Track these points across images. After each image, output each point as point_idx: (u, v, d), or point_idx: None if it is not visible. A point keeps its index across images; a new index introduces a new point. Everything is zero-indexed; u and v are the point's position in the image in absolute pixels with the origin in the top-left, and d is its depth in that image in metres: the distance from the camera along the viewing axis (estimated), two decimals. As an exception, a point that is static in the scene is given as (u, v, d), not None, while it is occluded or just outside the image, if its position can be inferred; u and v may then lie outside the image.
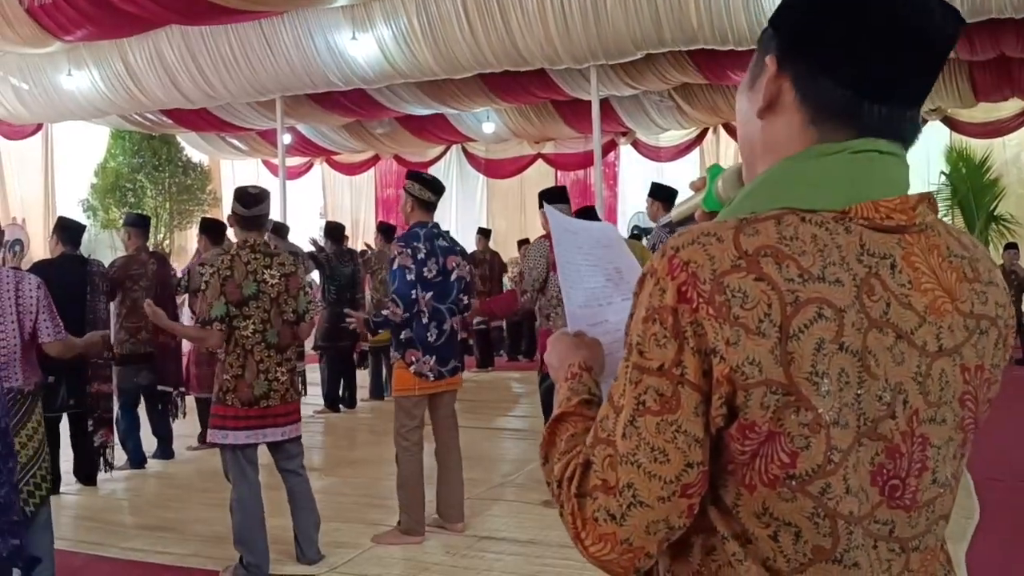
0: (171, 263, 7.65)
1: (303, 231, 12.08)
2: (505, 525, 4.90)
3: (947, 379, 0.97)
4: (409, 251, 4.53)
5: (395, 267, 4.52)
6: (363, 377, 9.40)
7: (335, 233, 9.06)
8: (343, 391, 8.82)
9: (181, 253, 14.58)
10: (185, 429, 7.14)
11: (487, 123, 14.64)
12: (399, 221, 14.41)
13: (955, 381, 0.98)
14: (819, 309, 0.91)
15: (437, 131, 15.18)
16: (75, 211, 13.30)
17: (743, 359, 0.90)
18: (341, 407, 8.72)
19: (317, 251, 8.70)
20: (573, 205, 5.55)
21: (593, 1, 9.04)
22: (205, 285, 4.11)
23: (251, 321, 4.10)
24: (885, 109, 0.99)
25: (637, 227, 14.29)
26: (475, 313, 5.28)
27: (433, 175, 5.11)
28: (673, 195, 5.73)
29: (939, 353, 0.97)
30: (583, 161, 15.96)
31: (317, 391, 8.86)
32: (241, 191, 4.31)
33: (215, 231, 7.26)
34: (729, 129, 14.82)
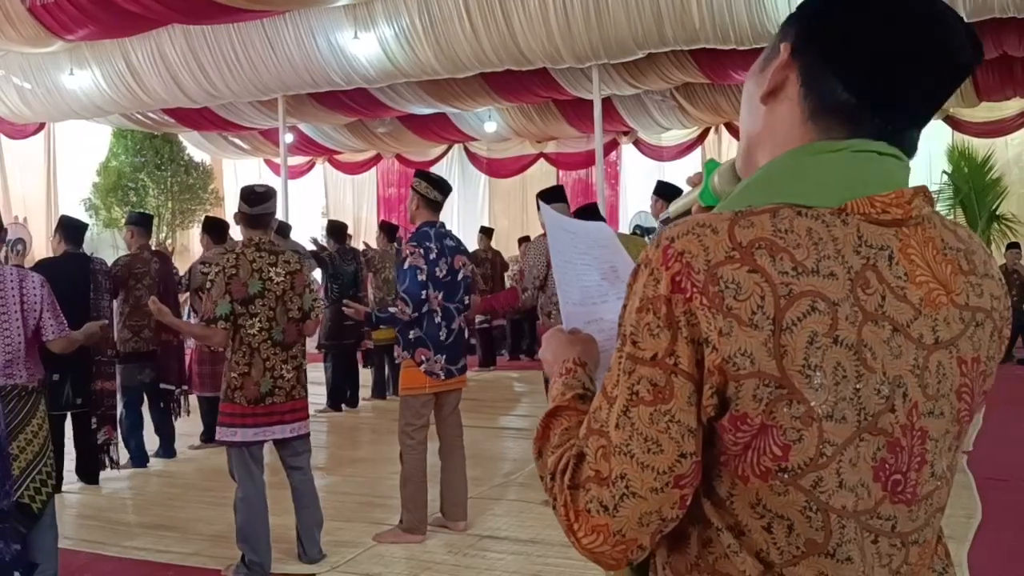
0: (173, 262, 7.66)
1: (305, 230, 12.08)
2: (507, 524, 4.91)
3: (944, 372, 0.97)
4: (421, 251, 4.54)
5: (406, 266, 4.52)
6: (365, 376, 9.40)
7: (338, 232, 9.06)
8: (346, 390, 8.81)
9: (183, 252, 14.59)
10: (187, 428, 7.14)
11: (489, 122, 14.64)
12: (401, 220, 14.45)
13: (952, 374, 0.98)
14: (812, 302, 0.91)
15: (439, 130, 15.18)
16: (77, 210, 13.32)
17: (735, 350, 0.90)
18: (343, 406, 8.73)
19: (319, 250, 8.70)
20: (574, 205, 5.55)
21: (595, 0, 9.04)
22: (211, 283, 4.11)
23: (257, 319, 4.11)
24: (887, 120, 0.99)
25: (639, 227, 14.28)
26: (476, 310, 5.28)
27: (440, 175, 5.12)
28: (677, 193, 5.73)
29: (936, 346, 0.97)
30: (585, 160, 15.96)
31: (319, 390, 8.85)
32: (247, 189, 4.34)
33: (217, 230, 7.28)
34: (731, 128, 14.82)
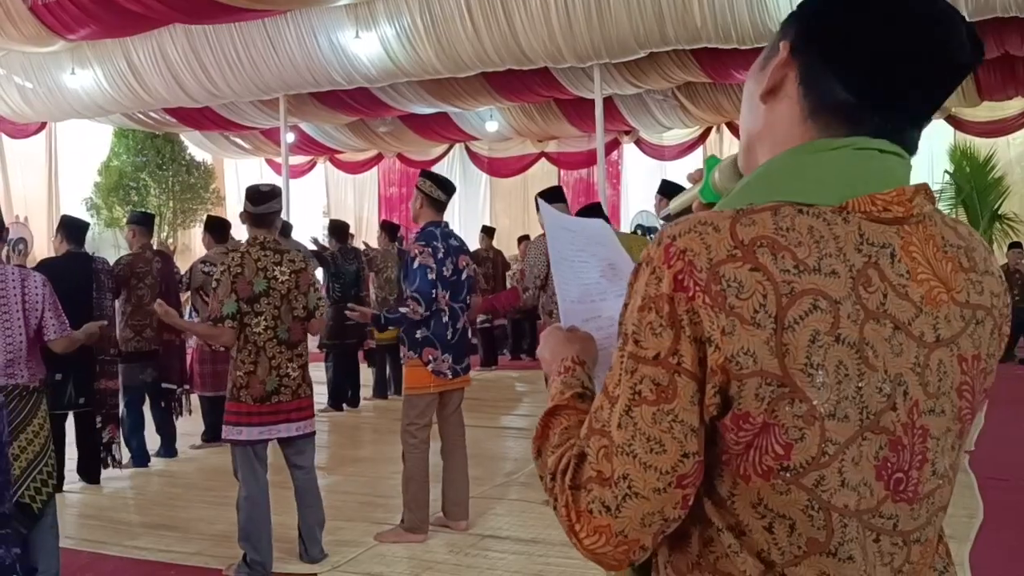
0: (175, 261, 7.67)
1: (306, 230, 12.08)
2: (508, 524, 4.91)
3: (945, 370, 0.97)
4: (430, 250, 4.55)
5: (415, 266, 4.52)
6: (366, 376, 9.40)
7: (339, 231, 9.06)
8: (347, 389, 8.81)
9: (185, 252, 14.58)
10: (189, 427, 7.15)
11: (490, 122, 14.63)
12: (402, 220, 14.46)
13: (953, 371, 0.98)
14: (814, 300, 0.90)
15: (440, 130, 15.18)
16: (78, 210, 13.32)
17: (737, 349, 0.89)
18: (345, 406, 8.73)
19: (320, 250, 8.70)
20: (576, 204, 5.55)
21: (596, 0, 9.04)
22: (216, 283, 4.13)
23: (262, 318, 4.12)
24: (887, 120, 0.98)
25: (640, 226, 14.30)
26: (477, 311, 5.28)
27: (445, 175, 5.13)
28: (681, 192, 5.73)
29: (937, 343, 0.96)
30: (586, 160, 15.95)
31: (320, 390, 8.82)
32: (252, 189, 4.35)
33: (218, 229, 7.30)
34: (732, 128, 14.81)
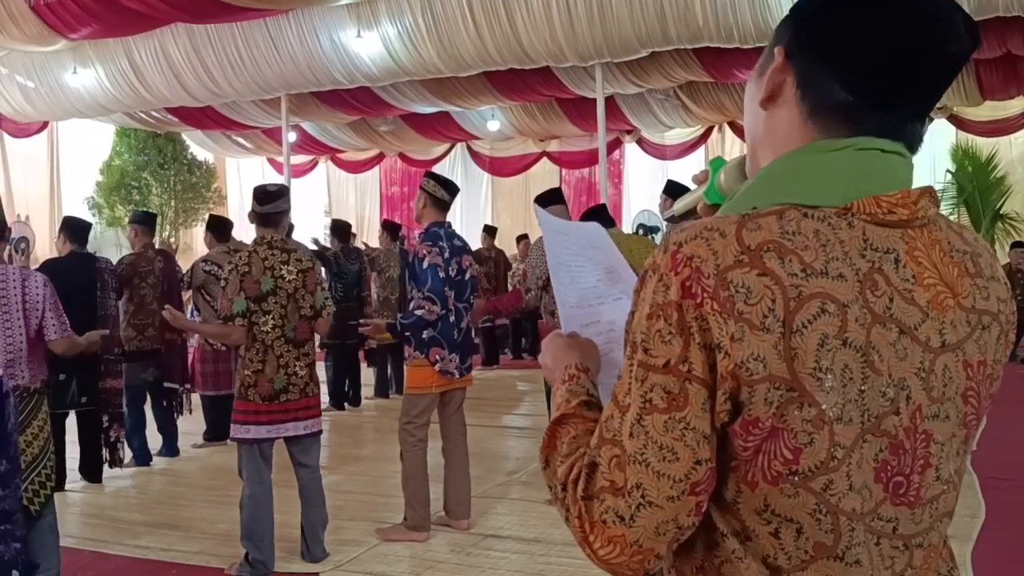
0: (177, 261, 7.67)
1: (308, 229, 12.08)
2: (510, 523, 4.91)
3: (950, 375, 0.97)
4: (437, 249, 4.56)
5: (426, 266, 4.51)
6: (367, 375, 9.40)
7: (342, 231, 9.06)
8: (348, 389, 8.83)
9: (187, 251, 14.59)
10: (190, 426, 7.15)
11: (492, 121, 14.62)
12: (404, 219, 14.45)
13: (958, 377, 0.97)
14: (822, 304, 0.90)
15: (442, 129, 15.18)
16: (80, 209, 13.33)
17: (747, 355, 0.89)
18: (346, 405, 8.73)
19: (321, 250, 8.69)
20: (577, 203, 5.55)
21: (598, -1, 9.04)
22: (225, 282, 4.15)
23: (270, 316, 4.14)
24: (888, 118, 0.98)
25: (642, 225, 14.29)
26: (481, 312, 5.28)
27: (449, 177, 5.13)
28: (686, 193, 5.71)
29: (942, 349, 0.96)
30: (588, 159, 15.93)
31: (322, 389, 8.83)
32: (259, 188, 4.37)
33: (220, 229, 7.30)
34: (734, 127, 14.81)
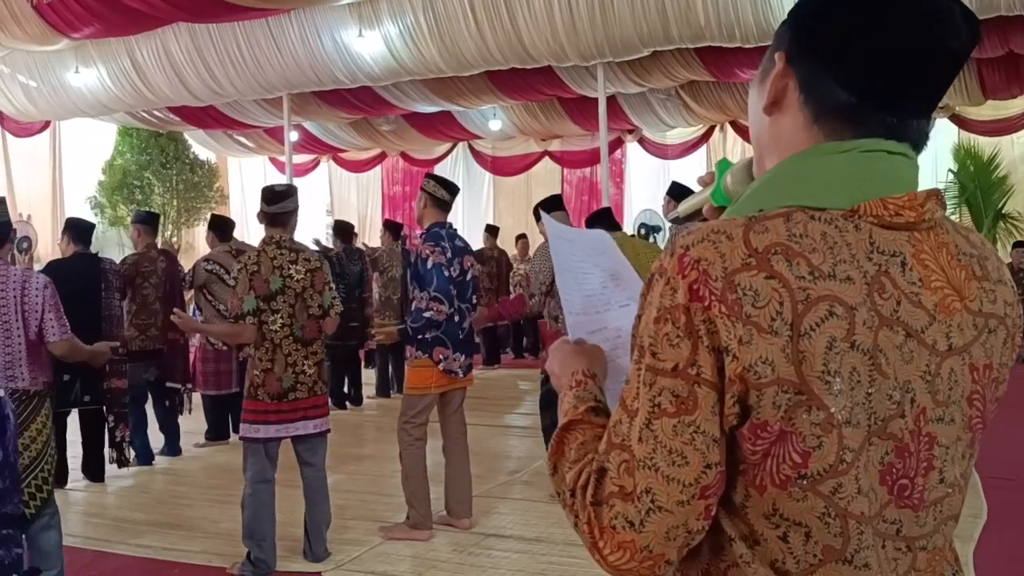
0: (179, 260, 7.67)
1: (310, 228, 12.08)
2: (511, 523, 4.90)
3: (956, 378, 0.97)
4: (439, 249, 4.57)
5: (430, 266, 4.52)
6: (368, 375, 9.40)
7: (344, 232, 9.07)
8: (349, 389, 8.83)
9: (189, 250, 14.59)
10: (192, 426, 7.15)
11: (493, 120, 14.60)
12: (405, 218, 14.44)
13: (964, 380, 0.97)
14: (830, 307, 0.90)
15: (443, 128, 15.16)
16: (83, 208, 13.32)
17: (756, 358, 0.89)
18: (348, 404, 8.73)
19: (324, 251, 8.70)
20: (579, 203, 5.55)
21: (600, -2, 9.03)
22: (235, 281, 4.18)
23: (279, 315, 4.16)
24: (890, 117, 0.98)
25: (644, 225, 14.26)
26: (485, 319, 5.29)
27: (449, 178, 5.14)
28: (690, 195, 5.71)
29: (949, 352, 0.96)
30: (589, 159, 15.91)
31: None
32: (267, 189, 4.41)
33: (222, 228, 7.30)
34: (736, 126, 14.78)
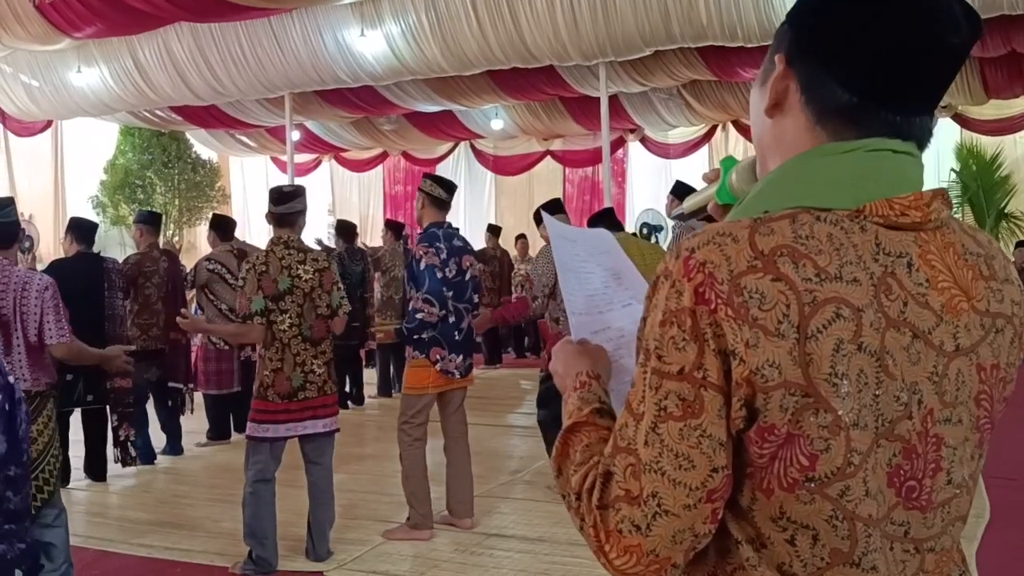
0: (181, 260, 7.68)
1: (312, 227, 12.05)
2: (513, 522, 4.90)
3: (963, 379, 0.96)
4: (433, 250, 4.56)
5: (423, 267, 4.52)
6: (369, 374, 9.40)
7: (346, 232, 9.07)
8: (351, 388, 8.83)
9: (190, 250, 14.59)
10: (193, 425, 7.15)
11: (495, 120, 14.60)
12: (407, 218, 14.43)
13: (971, 381, 0.97)
14: (837, 309, 0.89)
15: (445, 128, 15.15)
16: (85, 208, 13.31)
17: (763, 361, 0.88)
18: (349, 404, 8.73)
19: (326, 252, 8.69)
20: (581, 203, 5.55)
21: (602, -3, 9.02)
22: (243, 281, 4.17)
23: (287, 315, 4.17)
24: (893, 115, 0.97)
25: (646, 224, 14.27)
26: (488, 323, 5.28)
27: (447, 177, 5.14)
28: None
29: (956, 353, 0.95)
30: (591, 158, 15.90)
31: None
32: (275, 189, 4.44)
33: (224, 228, 7.31)
34: (738, 126, 14.77)
